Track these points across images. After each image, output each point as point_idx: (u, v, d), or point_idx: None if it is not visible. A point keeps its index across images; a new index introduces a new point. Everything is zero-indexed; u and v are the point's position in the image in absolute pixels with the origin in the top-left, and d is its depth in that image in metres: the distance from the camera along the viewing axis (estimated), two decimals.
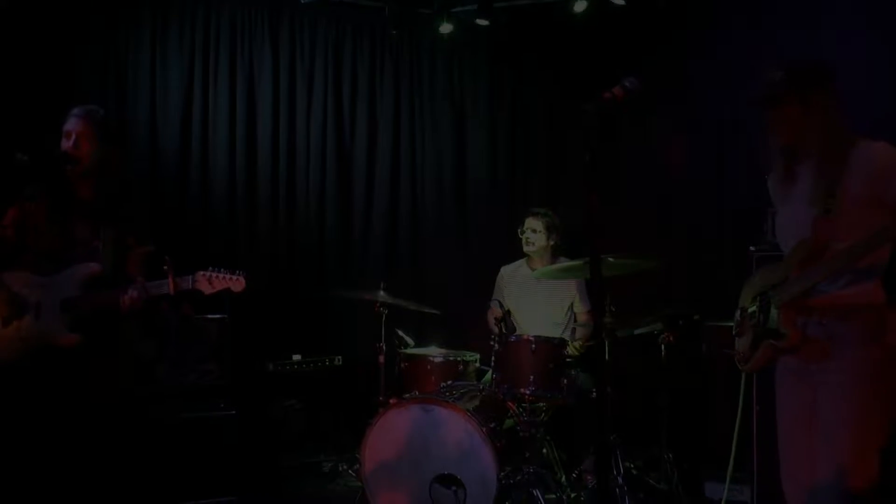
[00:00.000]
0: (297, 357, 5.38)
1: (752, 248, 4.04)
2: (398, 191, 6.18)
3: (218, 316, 4.87)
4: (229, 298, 4.77)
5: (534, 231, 5.22)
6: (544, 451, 4.72)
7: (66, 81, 5.18)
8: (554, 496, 4.37)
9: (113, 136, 3.76)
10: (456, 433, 3.99)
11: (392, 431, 4.12)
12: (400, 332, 5.04)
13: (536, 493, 4.09)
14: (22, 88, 4.96)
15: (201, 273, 3.57)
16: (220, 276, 3.59)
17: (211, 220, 5.61)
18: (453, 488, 3.95)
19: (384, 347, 4.89)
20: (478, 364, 4.96)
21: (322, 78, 6.00)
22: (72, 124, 3.62)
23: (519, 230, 5.33)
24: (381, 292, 4.86)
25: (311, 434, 5.52)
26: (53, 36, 5.15)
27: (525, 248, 5.25)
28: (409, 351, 4.97)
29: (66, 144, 3.59)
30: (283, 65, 5.88)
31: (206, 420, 4.59)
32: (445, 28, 6.12)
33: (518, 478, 4.12)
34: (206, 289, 3.58)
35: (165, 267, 3.50)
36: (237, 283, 3.62)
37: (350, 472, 4.99)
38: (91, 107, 3.72)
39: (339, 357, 5.49)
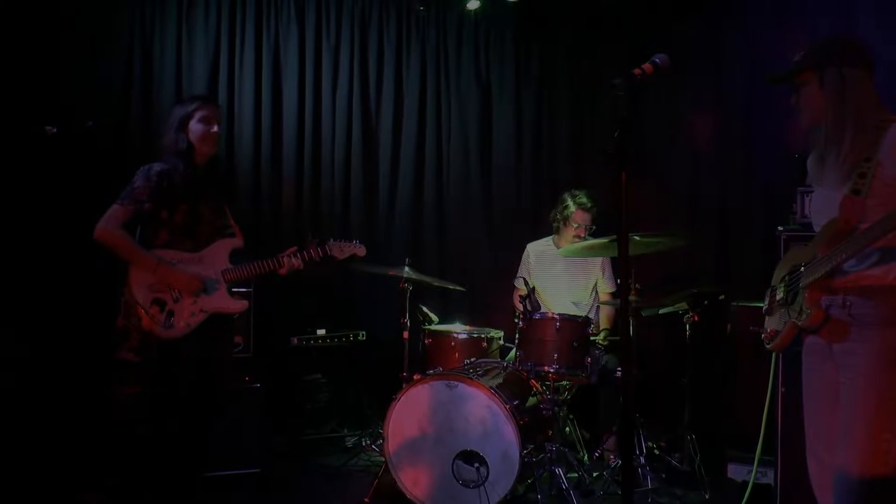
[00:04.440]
0: (321, 332, 5.39)
1: (780, 228, 3.98)
2: (423, 166, 6.16)
3: (242, 290, 4.87)
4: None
5: (585, 226, 5.20)
6: (567, 429, 4.74)
7: (93, 60, 5.23)
8: (576, 475, 4.39)
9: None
10: (479, 410, 4.01)
11: (416, 407, 4.14)
12: (424, 308, 5.04)
13: (558, 471, 4.11)
14: (48, 66, 5.00)
15: (332, 242, 4.10)
16: (348, 244, 4.15)
17: (236, 196, 5.62)
18: (476, 465, 3.97)
19: (408, 323, 4.89)
20: (502, 341, 4.96)
21: (348, 54, 5.98)
22: (211, 111, 3.86)
23: (555, 212, 5.30)
24: (406, 268, 4.86)
25: (334, 408, 5.57)
26: (79, 14, 5.18)
27: (572, 240, 5.15)
28: (433, 327, 4.98)
29: (211, 130, 3.83)
30: (308, 42, 5.86)
31: (230, 393, 4.53)
32: (473, 4, 6.09)
33: (540, 456, 4.15)
34: (339, 254, 4.14)
35: (310, 238, 4.03)
36: (361, 249, 4.19)
37: (373, 447, 5.01)
38: (210, 95, 4.23)
39: (363, 332, 5.49)
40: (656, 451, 4.68)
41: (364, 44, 6.03)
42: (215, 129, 3.85)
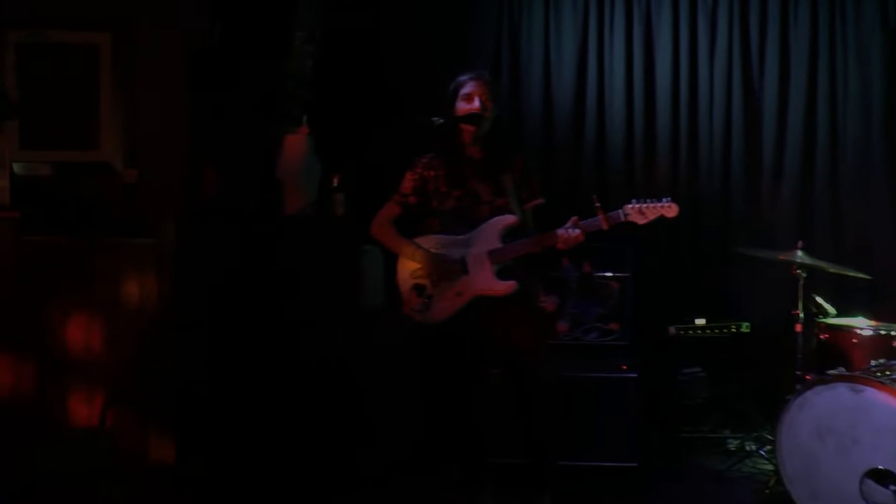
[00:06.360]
0: (700, 321, 5.05)
1: None
2: (814, 134, 5.46)
3: (620, 274, 4.79)
4: (633, 257, 4.78)
5: None
6: None
7: (463, 45, 5.47)
8: None
9: (500, 96, 3.96)
10: (893, 421, 3.47)
11: (813, 412, 3.71)
12: (819, 299, 4.49)
13: None
14: (418, 54, 5.31)
15: (630, 206, 3.61)
16: (651, 205, 3.60)
17: (607, 174, 5.53)
18: (892, 487, 3.44)
19: (801, 315, 4.40)
20: None
21: (726, 15, 5.51)
22: (473, 87, 3.78)
23: None
24: (799, 252, 4.37)
25: (714, 406, 5.26)
26: (450, 4, 5.47)
27: None
28: (829, 321, 4.42)
29: (471, 106, 3.75)
30: (682, 6, 5.52)
31: (607, 381, 4.53)
32: None
33: None
34: (639, 219, 3.61)
35: (597, 204, 3.59)
36: (669, 209, 3.60)
37: (761, 453, 4.63)
38: (481, 70, 3.94)
39: (747, 323, 5.04)
40: None
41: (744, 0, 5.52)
42: (476, 104, 3.71)
